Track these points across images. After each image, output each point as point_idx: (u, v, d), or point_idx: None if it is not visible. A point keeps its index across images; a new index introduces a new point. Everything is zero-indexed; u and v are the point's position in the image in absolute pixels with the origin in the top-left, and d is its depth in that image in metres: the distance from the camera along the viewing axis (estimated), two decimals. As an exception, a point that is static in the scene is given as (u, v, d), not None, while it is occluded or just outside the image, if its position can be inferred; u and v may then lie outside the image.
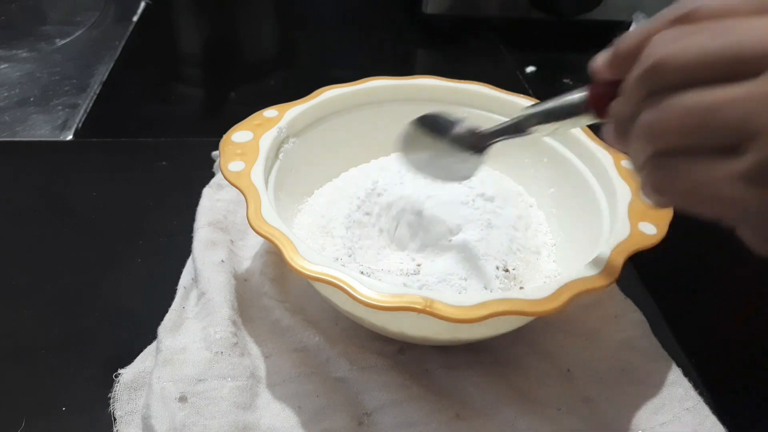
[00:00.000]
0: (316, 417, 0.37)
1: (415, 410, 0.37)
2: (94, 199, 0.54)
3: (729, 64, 0.20)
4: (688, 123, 0.21)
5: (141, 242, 0.49)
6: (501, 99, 0.50)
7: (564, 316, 0.44)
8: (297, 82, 0.77)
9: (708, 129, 0.21)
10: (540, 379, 0.40)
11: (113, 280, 0.46)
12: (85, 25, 0.84)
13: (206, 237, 0.46)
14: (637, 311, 0.44)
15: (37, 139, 0.62)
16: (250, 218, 0.37)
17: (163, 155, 0.59)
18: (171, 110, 0.70)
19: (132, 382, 0.38)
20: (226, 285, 0.42)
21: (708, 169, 0.21)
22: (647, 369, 0.41)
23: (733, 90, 0.20)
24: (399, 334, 0.39)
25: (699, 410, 0.38)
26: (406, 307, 0.32)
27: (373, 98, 0.51)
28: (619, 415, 0.38)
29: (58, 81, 0.72)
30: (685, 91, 0.21)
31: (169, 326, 0.40)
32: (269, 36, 0.93)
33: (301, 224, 0.46)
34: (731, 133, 0.21)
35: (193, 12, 0.95)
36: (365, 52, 0.84)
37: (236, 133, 0.44)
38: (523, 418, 0.37)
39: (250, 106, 0.47)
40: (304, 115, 0.47)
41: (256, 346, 0.41)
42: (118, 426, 0.36)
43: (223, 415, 0.35)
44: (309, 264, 0.34)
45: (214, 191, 0.51)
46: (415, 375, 0.39)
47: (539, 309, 0.33)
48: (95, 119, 0.66)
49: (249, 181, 0.40)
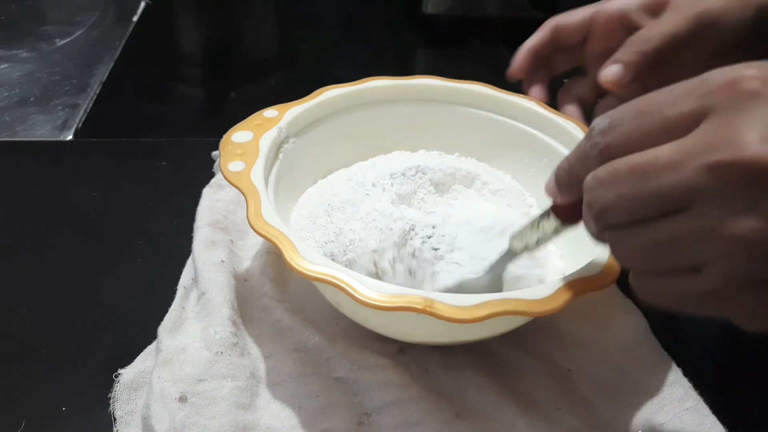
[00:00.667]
0: (316, 417, 0.37)
1: (415, 410, 0.37)
2: (94, 199, 0.54)
3: (656, 205, 0.24)
4: (648, 256, 0.25)
5: (141, 242, 0.49)
6: (501, 99, 0.50)
7: (564, 316, 0.44)
8: (297, 82, 0.77)
9: (664, 260, 0.25)
10: (540, 379, 0.40)
11: (113, 280, 0.46)
12: (85, 25, 0.84)
13: (206, 237, 0.46)
14: (636, 311, 0.44)
15: (37, 139, 0.62)
16: (250, 218, 0.37)
17: (163, 155, 0.59)
18: (171, 110, 0.70)
19: (132, 382, 0.38)
20: (226, 285, 0.42)
21: (679, 285, 0.25)
22: (647, 369, 0.41)
23: (672, 226, 0.23)
24: (399, 333, 0.39)
25: (699, 410, 0.38)
26: (406, 307, 0.32)
27: (373, 98, 0.51)
28: (619, 415, 0.38)
29: (58, 81, 0.72)
30: (634, 226, 0.25)
31: (169, 326, 0.40)
32: (269, 36, 0.93)
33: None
34: (686, 264, 0.24)
35: (193, 12, 0.95)
36: (365, 52, 0.84)
37: (236, 133, 0.44)
38: (523, 418, 0.37)
39: (250, 106, 0.47)
40: (304, 115, 0.47)
41: (256, 346, 0.41)
42: (118, 426, 0.36)
43: (223, 415, 0.35)
44: (309, 264, 0.34)
45: (214, 191, 0.51)
46: (415, 375, 0.39)
47: (539, 309, 0.33)
48: (95, 119, 0.66)
49: (249, 181, 0.39)
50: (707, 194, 0.22)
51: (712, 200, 0.22)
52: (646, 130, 0.24)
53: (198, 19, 0.94)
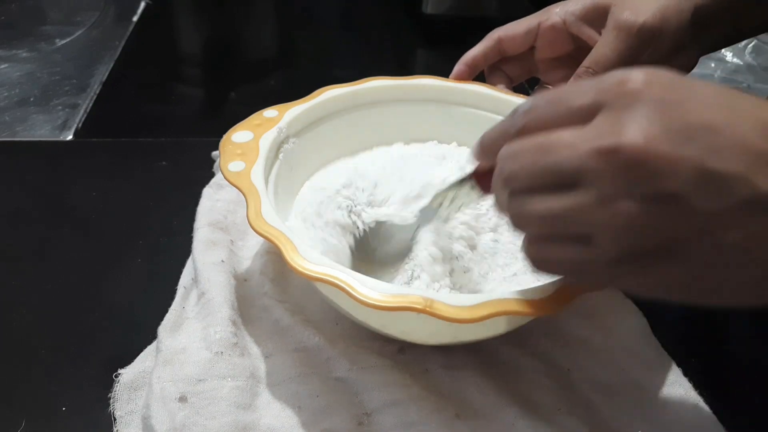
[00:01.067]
0: (316, 417, 0.37)
1: (415, 410, 0.37)
2: (94, 199, 0.54)
3: (553, 178, 0.27)
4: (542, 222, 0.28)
5: (141, 242, 0.49)
6: (501, 99, 0.50)
7: (564, 316, 0.44)
8: (297, 82, 0.77)
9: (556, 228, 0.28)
10: (540, 379, 0.40)
11: (113, 280, 0.46)
12: (85, 25, 0.84)
13: (206, 237, 0.46)
14: (637, 312, 0.44)
15: (37, 139, 0.62)
16: (250, 218, 0.37)
17: (163, 155, 0.59)
18: (171, 110, 0.70)
19: (132, 382, 0.38)
20: (226, 285, 0.42)
21: (571, 253, 0.28)
22: (647, 369, 0.41)
23: (565, 200, 0.27)
24: (399, 333, 0.39)
25: (699, 410, 0.38)
26: (406, 307, 0.32)
27: (373, 98, 0.51)
28: (619, 415, 0.38)
29: (58, 81, 0.72)
30: (532, 195, 0.28)
31: (169, 326, 0.40)
32: (269, 36, 0.93)
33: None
34: (575, 233, 0.27)
35: (193, 12, 0.95)
36: (365, 52, 0.84)
37: (236, 133, 0.44)
38: (523, 419, 0.37)
39: (250, 106, 0.47)
40: (304, 115, 0.47)
41: (256, 346, 0.41)
42: (118, 426, 0.36)
43: (223, 415, 0.35)
44: (309, 264, 0.34)
45: (214, 191, 0.51)
46: (415, 375, 0.39)
47: (539, 309, 0.33)
48: (95, 119, 0.66)
49: (249, 181, 0.39)
50: (594, 174, 0.26)
51: (597, 179, 0.26)
52: (555, 116, 0.28)
53: (198, 19, 0.94)
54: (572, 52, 0.50)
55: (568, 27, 0.49)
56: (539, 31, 0.50)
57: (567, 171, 0.27)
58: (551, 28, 0.49)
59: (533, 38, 0.50)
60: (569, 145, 0.27)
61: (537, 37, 0.50)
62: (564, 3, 0.50)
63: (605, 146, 0.25)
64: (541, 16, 0.50)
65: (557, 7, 0.50)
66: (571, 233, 0.28)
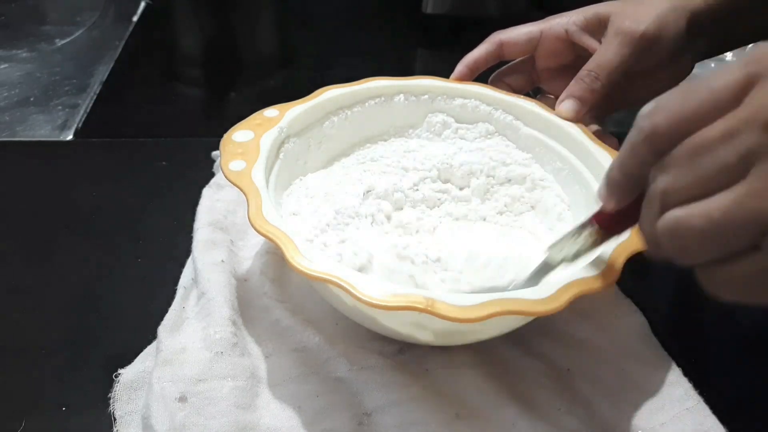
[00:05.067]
0: (316, 417, 0.37)
1: (415, 410, 0.36)
2: (94, 199, 0.54)
3: (720, 180, 0.23)
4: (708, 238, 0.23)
5: (141, 242, 0.49)
6: (501, 99, 0.50)
7: (564, 316, 0.44)
8: (297, 82, 0.77)
9: (725, 239, 0.23)
10: (539, 379, 0.40)
11: (113, 280, 0.46)
12: (85, 25, 0.84)
13: (206, 237, 0.46)
14: (637, 311, 0.44)
15: (37, 139, 0.62)
16: (251, 217, 0.37)
17: (163, 155, 0.59)
18: (171, 110, 0.70)
19: (132, 382, 0.38)
20: (226, 285, 0.42)
21: (745, 266, 0.23)
22: (647, 369, 0.41)
23: (727, 197, 0.23)
24: (398, 334, 0.39)
25: (699, 410, 0.38)
26: (407, 306, 0.32)
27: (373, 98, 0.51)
28: (619, 415, 0.38)
29: (58, 81, 0.72)
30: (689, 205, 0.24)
31: (169, 326, 0.40)
32: (269, 36, 0.93)
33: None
34: (747, 241, 0.23)
35: (193, 12, 0.95)
36: (365, 52, 0.84)
37: (237, 132, 0.44)
38: (523, 419, 0.37)
39: (250, 106, 0.47)
40: (305, 114, 0.47)
41: (256, 346, 0.41)
42: (118, 426, 0.36)
43: (223, 415, 0.35)
44: (310, 264, 0.34)
45: (214, 191, 0.51)
46: (415, 375, 0.39)
47: (540, 309, 0.33)
48: (95, 119, 0.66)
49: (250, 181, 0.39)
50: (766, 152, 0.22)
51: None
52: (693, 105, 0.24)
53: (198, 19, 0.94)
54: (573, 62, 0.50)
55: (570, 36, 0.49)
56: (541, 40, 0.50)
57: (732, 164, 0.22)
58: (553, 37, 0.50)
59: (534, 46, 0.51)
60: (730, 133, 0.23)
61: (538, 45, 0.51)
62: (566, 13, 0.50)
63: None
64: (542, 25, 0.51)
65: (559, 17, 0.50)
66: (742, 240, 0.23)
